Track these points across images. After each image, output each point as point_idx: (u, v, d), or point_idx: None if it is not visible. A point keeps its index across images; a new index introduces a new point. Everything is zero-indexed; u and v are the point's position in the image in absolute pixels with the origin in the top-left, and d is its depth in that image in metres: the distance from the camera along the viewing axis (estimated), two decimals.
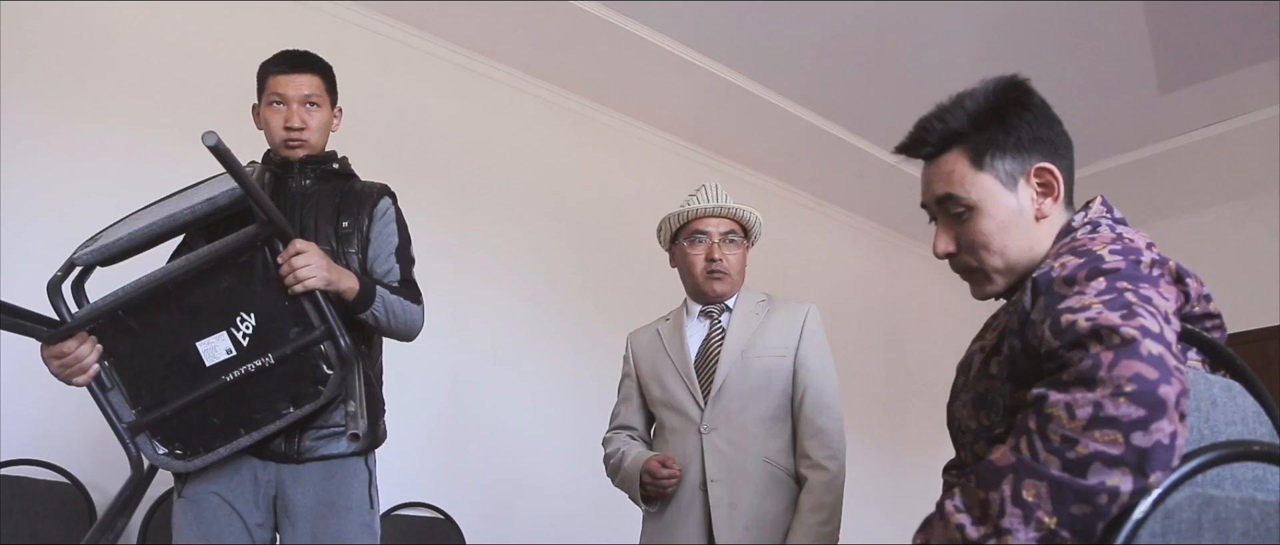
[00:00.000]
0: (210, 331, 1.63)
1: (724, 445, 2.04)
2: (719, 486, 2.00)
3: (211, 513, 1.71)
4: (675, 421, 2.12)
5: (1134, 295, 0.95)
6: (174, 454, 1.68)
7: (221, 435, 1.68)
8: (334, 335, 1.66)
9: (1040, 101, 1.21)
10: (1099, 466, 0.85)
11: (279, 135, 1.90)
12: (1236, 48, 3.79)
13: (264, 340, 1.64)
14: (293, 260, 1.60)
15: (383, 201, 1.95)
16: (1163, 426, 0.85)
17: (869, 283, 5.48)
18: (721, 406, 2.07)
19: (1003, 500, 0.90)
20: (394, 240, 1.93)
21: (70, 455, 2.55)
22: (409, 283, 1.92)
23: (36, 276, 2.59)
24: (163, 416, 1.65)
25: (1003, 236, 1.18)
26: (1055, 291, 1.02)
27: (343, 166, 2.00)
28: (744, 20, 3.68)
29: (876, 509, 4.88)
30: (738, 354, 2.11)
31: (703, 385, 2.11)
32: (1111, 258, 1.02)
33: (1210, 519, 0.88)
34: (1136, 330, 0.89)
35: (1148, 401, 0.85)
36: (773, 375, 2.09)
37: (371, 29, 3.55)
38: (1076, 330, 0.93)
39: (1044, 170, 1.18)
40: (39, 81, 2.77)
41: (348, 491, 1.78)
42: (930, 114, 1.23)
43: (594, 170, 4.18)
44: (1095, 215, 1.18)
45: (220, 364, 1.64)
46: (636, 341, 2.32)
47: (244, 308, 1.63)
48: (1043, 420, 0.89)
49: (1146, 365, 0.86)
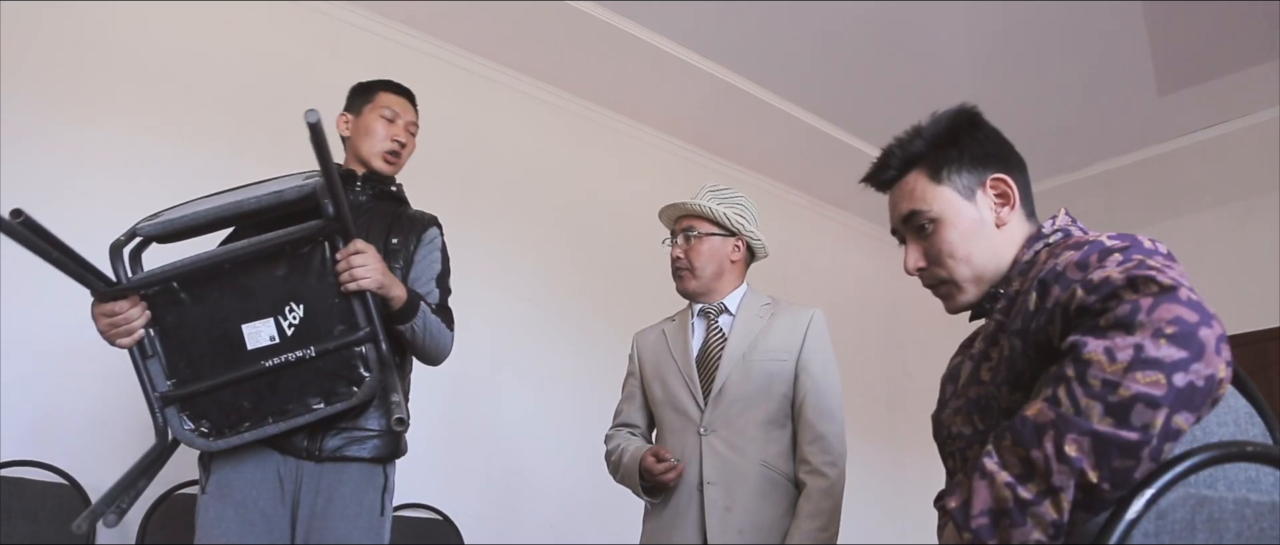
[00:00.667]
0: (258, 316, 1.64)
1: (722, 447, 2.03)
2: (715, 488, 2.00)
3: (238, 508, 1.72)
4: (675, 421, 2.13)
5: (1156, 261, 0.96)
6: (200, 431, 1.68)
7: (250, 419, 1.68)
8: (376, 338, 1.68)
9: (990, 126, 1.30)
10: (1141, 408, 0.85)
11: (384, 143, 2.00)
12: (1236, 49, 3.79)
13: (309, 332, 1.66)
14: (351, 257, 1.64)
15: (431, 230, 2.05)
16: (1200, 368, 0.85)
17: (868, 284, 5.48)
18: (721, 408, 2.07)
19: (1047, 457, 0.89)
20: (437, 267, 2.01)
21: (69, 456, 2.55)
22: (445, 309, 1.98)
23: (36, 276, 2.60)
24: (196, 392, 1.66)
25: (967, 244, 1.24)
26: (1069, 277, 1.03)
27: (399, 191, 2.10)
28: (743, 21, 3.69)
29: (876, 510, 4.89)
30: (739, 356, 2.10)
31: (703, 386, 2.10)
32: (1113, 241, 1.04)
33: (1203, 520, 0.88)
34: (1172, 279, 0.90)
35: (1189, 343, 0.85)
36: (774, 379, 2.08)
37: (370, 30, 3.56)
38: (1111, 283, 0.93)
39: (999, 180, 1.25)
40: (38, 82, 2.78)
41: (360, 495, 1.80)
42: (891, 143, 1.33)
43: (593, 171, 4.18)
44: (1063, 223, 1.23)
45: (262, 349, 1.65)
46: (642, 341, 2.33)
47: (295, 298, 1.65)
48: (1081, 366, 0.89)
49: (1187, 308, 0.87)
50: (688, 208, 2.20)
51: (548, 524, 3.60)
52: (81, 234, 1.77)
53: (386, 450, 1.86)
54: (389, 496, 1.86)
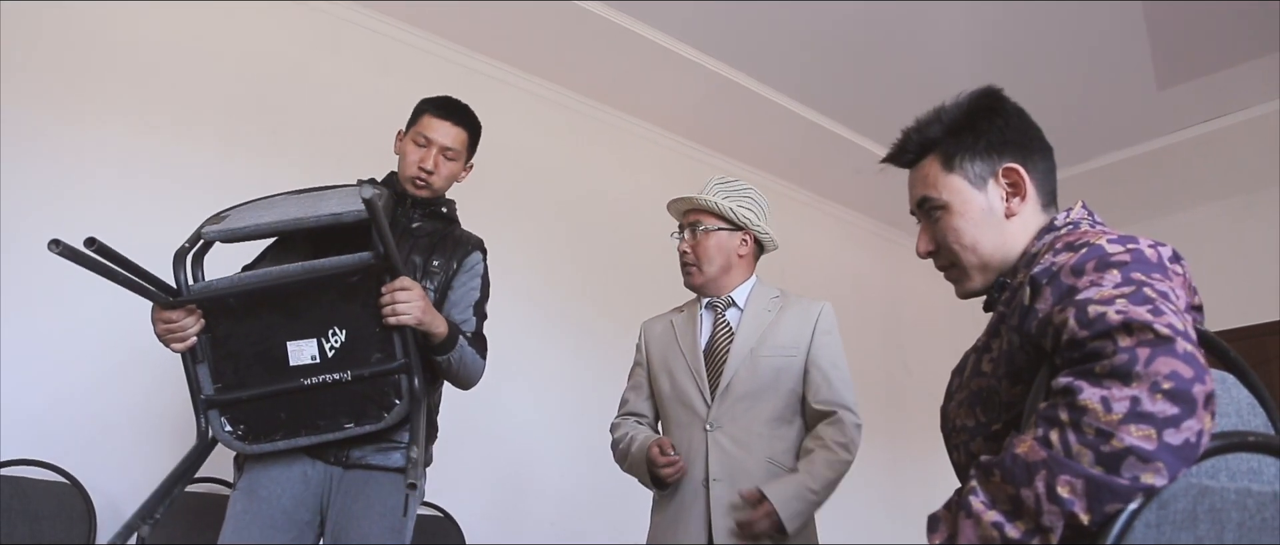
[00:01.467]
0: (302, 335, 1.74)
1: (728, 444, 2.02)
2: (721, 485, 1.98)
3: (264, 504, 1.82)
4: (681, 416, 2.11)
5: (1153, 291, 0.96)
6: (237, 434, 1.79)
7: (283, 430, 1.79)
8: (411, 370, 1.77)
9: (1014, 109, 1.29)
10: (1133, 461, 0.85)
11: (411, 171, 2.03)
12: (1235, 43, 3.79)
13: (348, 357, 1.75)
14: (396, 293, 1.72)
15: (474, 255, 2.09)
16: (1193, 424, 0.86)
17: (867, 279, 5.48)
18: (728, 404, 2.05)
19: (1038, 497, 0.89)
20: (476, 294, 2.07)
21: (70, 456, 2.55)
22: (480, 337, 2.05)
23: (36, 276, 2.60)
24: (238, 399, 1.76)
25: (974, 233, 1.24)
26: (1063, 282, 1.03)
27: (450, 211, 2.15)
28: (742, 17, 3.68)
29: (876, 506, 4.89)
30: (747, 352, 2.08)
31: (711, 381, 2.09)
32: (1113, 248, 1.03)
33: (1205, 510, 0.88)
34: (1168, 328, 0.89)
35: (1183, 399, 0.86)
36: (782, 374, 2.06)
37: (370, 27, 3.56)
38: (1106, 321, 0.92)
39: (1012, 170, 1.24)
40: (37, 81, 2.77)
41: (384, 497, 1.87)
42: (912, 126, 1.32)
43: (592, 168, 4.18)
44: (1077, 216, 1.22)
45: (303, 367, 1.75)
46: (650, 331, 2.31)
47: (339, 323, 1.74)
48: (1076, 412, 0.89)
49: (1183, 363, 0.87)
50: (695, 202, 2.18)
51: (549, 521, 3.60)
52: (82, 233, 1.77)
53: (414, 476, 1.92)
54: (413, 501, 1.91)
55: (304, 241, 1.95)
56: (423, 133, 2.05)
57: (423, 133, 2.05)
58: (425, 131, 2.05)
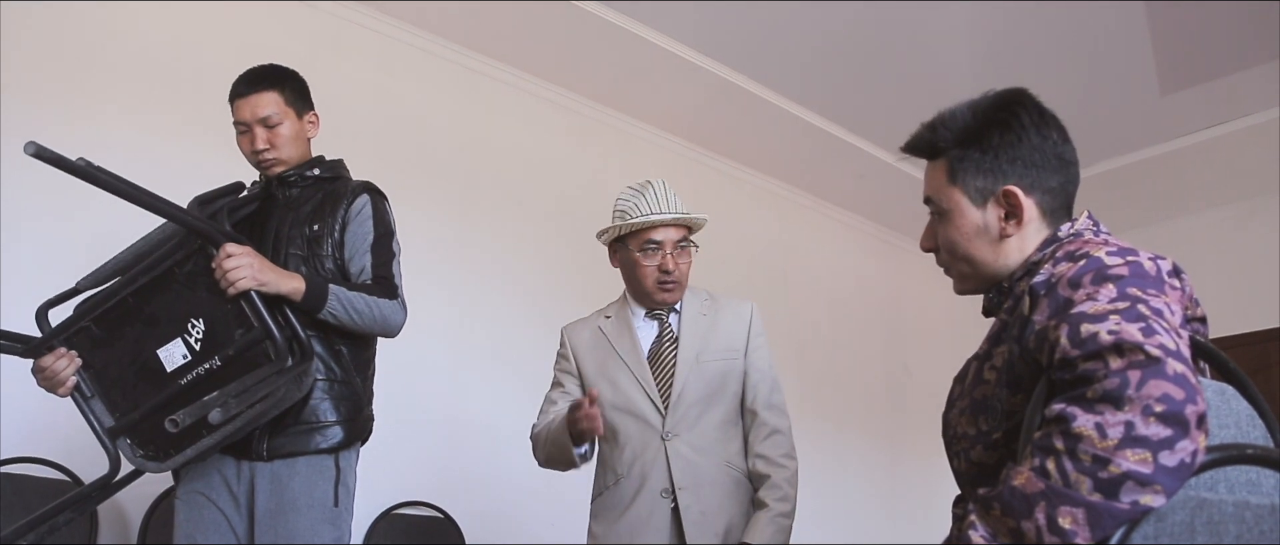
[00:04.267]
0: (168, 339, 1.75)
1: (688, 451, 2.01)
2: (688, 494, 1.97)
3: (198, 510, 1.82)
4: (630, 426, 2.05)
5: (1147, 308, 0.95)
6: (146, 455, 1.77)
7: (186, 437, 1.72)
8: (270, 334, 1.69)
9: (1030, 122, 1.22)
10: (1131, 486, 0.85)
11: (251, 160, 1.97)
12: (1238, 49, 3.79)
13: (213, 344, 1.73)
14: (223, 263, 1.66)
15: (360, 199, 1.95)
16: (1187, 445, 0.86)
17: (869, 283, 5.48)
18: (681, 411, 2.03)
19: (1039, 529, 0.89)
20: (369, 237, 1.92)
21: (70, 453, 2.55)
22: (383, 279, 1.91)
23: (37, 276, 2.60)
24: (134, 421, 1.76)
25: (967, 246, 1.25)
26: (1059, 294, 1.03)
27: (327, 169, 2.01)
28: (744, 20, 3.68)
29: (876, 508, 4.89)
30: (693, 358, 2.07)
31: (661, 389, 2.06)
32: (1111, 261, 1.03)
33: (1203, 522, 0.88)
34: (1159, 349, 0.89)
35: (1175, 421, 0.86)
36: (727, 378, 2.07)
37: (372, 28, 3.56)
38: (1097, 342, 0.92)
39: (1011, 193, 1.21)
40: (38, 80, 2.78)
41: (309, 489, 1.79)
42: (930, 120, 1.30)
43: (593, 169, 4.18)
44: (1082, 226, 1.21)
45: (178, 369, 1.74)
46: (576, 336, 2.21)
47: (194, 314, 1.73)
48: (1072, 440, 0.89)
49: (1173, 385, 0.87)
50: (692, 221, 2.12)
51: (547, 522, 3.60)
52: (81, 233, 1.78)
53: (334, 441, 1.83)
54: (344, 488, 1.85)
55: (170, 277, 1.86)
56: (237, 120, 1.95)
57: (237, 120, 1.95)
58: (239, 117, 1.94)
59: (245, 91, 1.95)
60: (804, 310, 4.98)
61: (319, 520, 1.78)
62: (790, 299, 4.91)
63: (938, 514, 1.85)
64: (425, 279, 2.91)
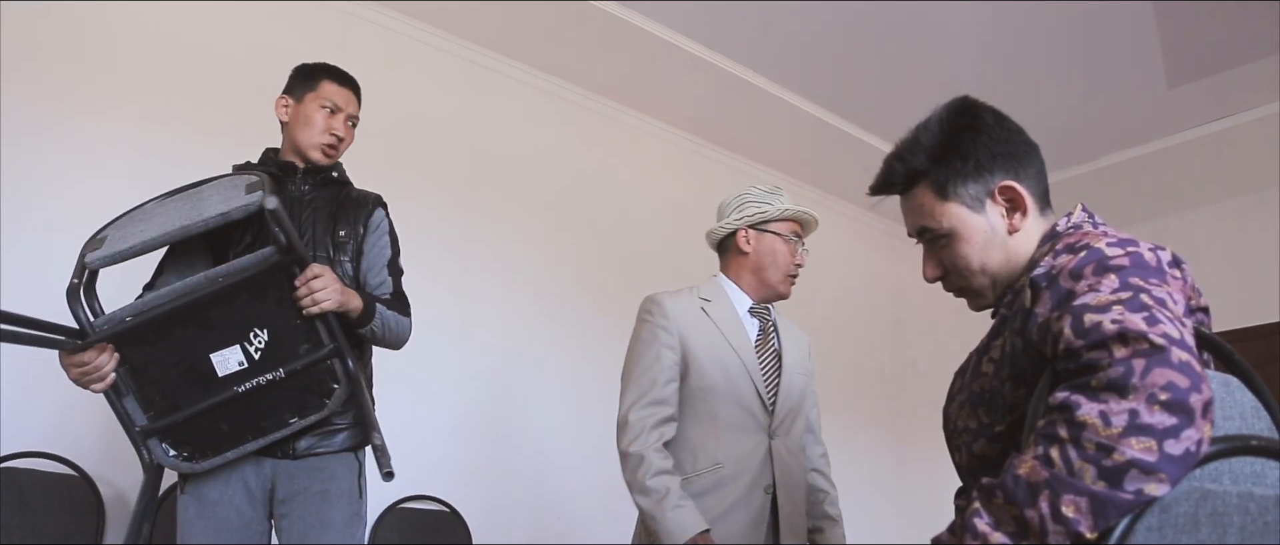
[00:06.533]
0: (224, 345, 1.71)
1: (785, 453, 2.08)
2: (783, 493, 2.05)
3: (211, 507, 1.80)
4: (738, 417, 2.02)
5: (1150, 297, 0.95)
6: (182, 456, 1.76)
7: (229, 440, 1.76)
8: (342, 353, 1.76)
9: (992, 119, 1.25)
10: (1135, 474, 0.85)
11: (322, 137, 1.98)
12: (1244, 42, 3.77)
13: (275, 355, 1.73)
14: (311, 283, 1.70)
15: (377, 213, 2.03)
16: (1192, 434, 0.86)
17: (875, 277, 5.47)
18: (782, 414, 2.09)
19: (1043, 518, 0.89)
20: (387, 253, 2.01)
21: (78, 448, 2.57)
22: (399, 296, 2.00)
23: (41, 272, 2.61)
24: (174, 422, 1.73)
25: (982, 256, 1.23)
26: (1061, 285, 1.03)
27: (340, 175, 2.08)
28: (749, 14, 3.68)
29: (882, 503, 4.89)
30: (793, 365, 2.17)
31: (767, 389, 2.08)
32: (1112, 252, 1.03)
33: (1207, 513, 0.88)
34: (1163, 338, 0.89)
35: (1180, 409, 0.86)
36: (805, 393, 2.20)
37: (377, 23, 3.56)
38: (1101, 331, 0.92)
39: (1007, 188, 1.22)
40: (43, 77, 2.78)
41: (338, 481, 1.87)
42: (892, 153, 1.29)
43: (599, 164, 4.18)
44: (1078, 219, 1.22)
45: (232, 375, 1.72)
46: (680, 311, 2.06)
47: (257, 324, 1.71)
48: (1075, 428, 0.89)
49: (1178, 373, 0.87)
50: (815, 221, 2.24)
51: (554, 514, 3.61)
52: (87, 230, 1.78)
53: (358, 439, 1.92)
54: (364, 480, 1.93)
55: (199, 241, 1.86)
56: (330, 99, 1.99)
57: (330, 99, 1.99)
58: (333, 98, 2.00)
59: (346, 85, 2.04)
60: (809, 304, 4.96)
61: (348, 511, 1.86)
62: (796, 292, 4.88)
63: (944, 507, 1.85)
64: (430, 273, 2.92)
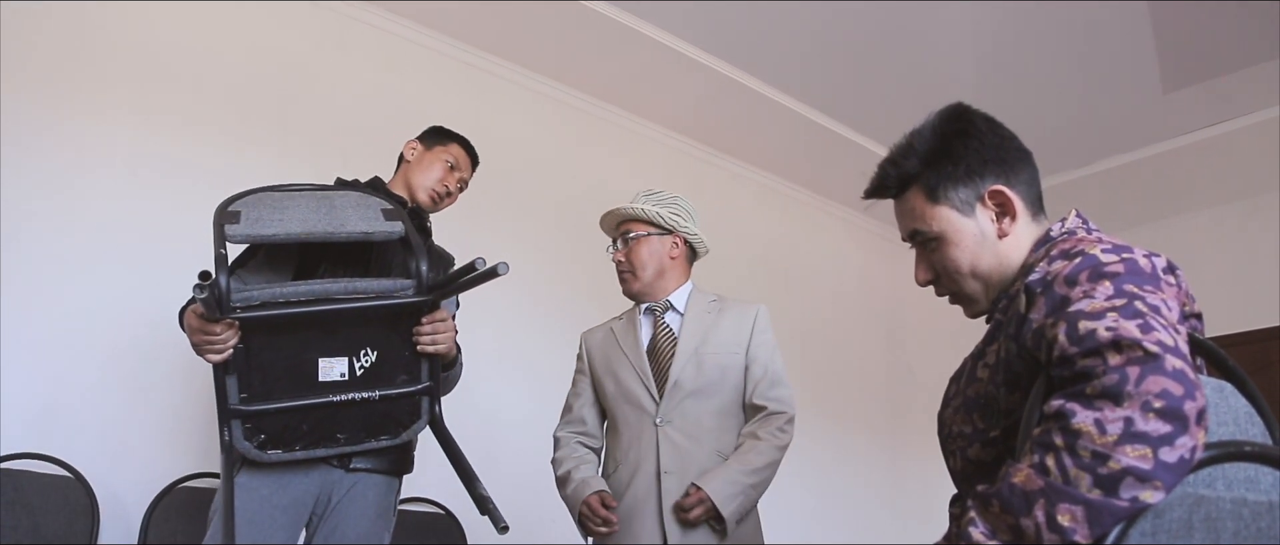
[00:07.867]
0: (336, 352, 1.77)
1: (679, 438, 2.12)
2: (672, 478, 2.08)
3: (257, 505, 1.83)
4: (629, 414, 2.19)
5: (1144, 304, 0.96)
6: (256, 442, 1.78)
7: (304, 441, 1.80)
8: (434, 394, 1.88)
9: (984, 125, 1.27)
10: (1131, 482, 0.86)
11: (435, 185, 2.20)
12: (1241, 47, 3.78)
13: (377, 376, 1.80)
14: (436, 325, 1.81)
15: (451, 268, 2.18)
16: (1186, 441, 0.86)
17: (871, 281, 5.48)
18: (676, 401, 2.15)
19: (1038, 527, 0.89)
20: (456, 309, 2.14)
21: (73, 449, 2.56)
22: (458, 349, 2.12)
23: (40, 272, 2.61)
24: (264, 411, 1.75)
25: (972, 260, 1.25)
26: (1056, 291, 1.03)
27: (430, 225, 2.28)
28: (745, 16, 3.68)
29: (877, 505, 4.89)
30: (691, 351, 2.19)
31: (657, 379, 2.18)
32: (1107, 258, 1.03)
33: (1201, 519, 0.88)
34: (1157, 346, 0.90)
35: (1175, 417, 0.86)
36: (727, 371, 2.18)
37: (375, 25, 3.56)
38: (1096, 338, 0.93)
39: (998, 192, 1.24)
40: (42, 77, 2.78)
41: (380, 499, 1.99)
42: (886, 158, 1.32)
43: (596, 166, 4.18)
44: (1072, 225, 1.22)
45: (332, 383, 1.77)
46: (590, 339, 2.40)
47: (370, 344, 1.79)
48: (1070, 436, 0.89)
49: (1172, 381, 0.87)
50: (624, 212, 2.30)
51: (550, 518, 3.61)
52: (84, 230, 1.78)
53: (402, 464, 2.06)
54: (396, 498, 2.08)
55: None
56: (454, 157, 2.24)
57: (454, 157, 2.24)
58: (456, 158, 2.24)
59: (471, 154, 2.31)
60: (805, 307, 4.98)
61: (383, 527, 1.99)
62: (792, 296, 4.91)
63: (938, 512, 1.86)
64: None
